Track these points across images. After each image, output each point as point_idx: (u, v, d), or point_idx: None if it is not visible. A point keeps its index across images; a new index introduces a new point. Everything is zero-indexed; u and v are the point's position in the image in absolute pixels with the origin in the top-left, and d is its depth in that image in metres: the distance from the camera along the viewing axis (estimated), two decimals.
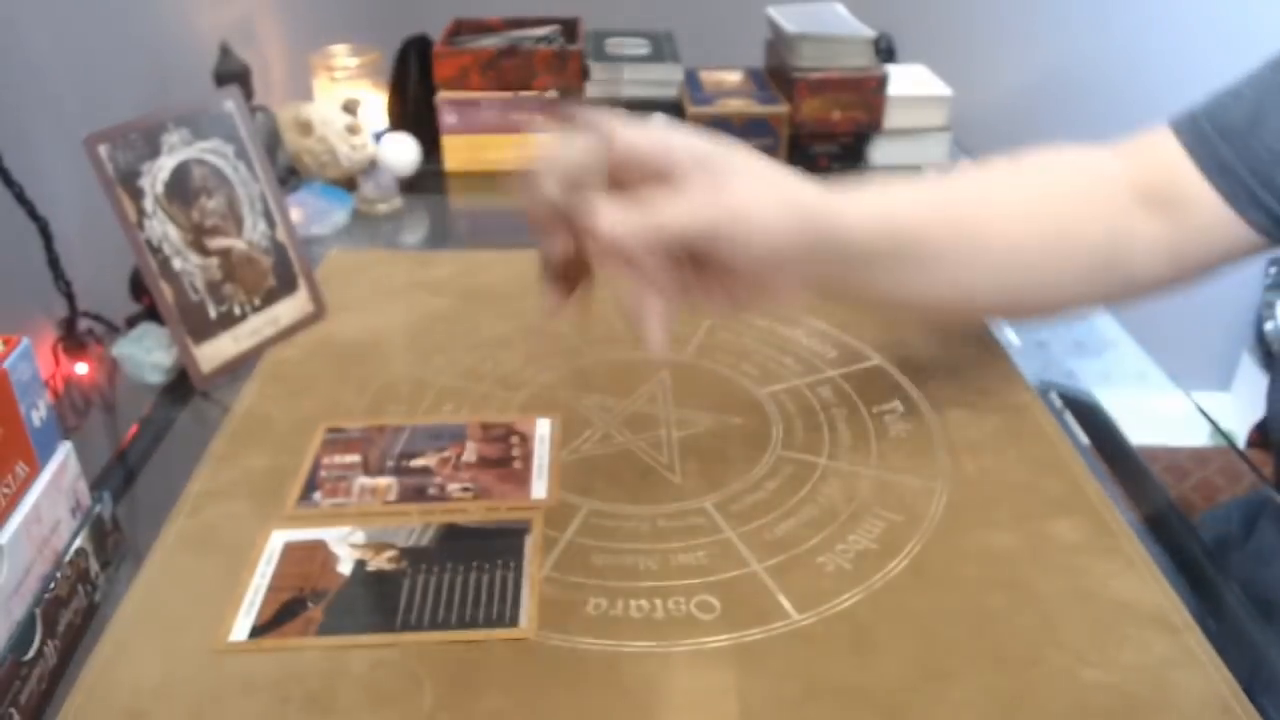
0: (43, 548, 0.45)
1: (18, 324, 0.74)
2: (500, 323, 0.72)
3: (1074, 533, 0.51)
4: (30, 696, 0.42)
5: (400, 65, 1.01)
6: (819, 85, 0.97)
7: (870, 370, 0.66)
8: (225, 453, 0.58)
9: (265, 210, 0.68)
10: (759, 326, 0.71)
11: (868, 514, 0.53)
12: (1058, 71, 1.66)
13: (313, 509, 0.53)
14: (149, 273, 0.60)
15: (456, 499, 0.54)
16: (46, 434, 0.47)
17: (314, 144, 0.87)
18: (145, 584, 0.48)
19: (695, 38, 1.16)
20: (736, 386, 0.64)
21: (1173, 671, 0.43)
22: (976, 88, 1.18)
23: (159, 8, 1.00)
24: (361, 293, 0.76)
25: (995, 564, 0.49)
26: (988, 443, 0.58)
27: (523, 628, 0.45)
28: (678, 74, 0.98)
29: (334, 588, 0.48)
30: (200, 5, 1.08)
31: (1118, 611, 0.46)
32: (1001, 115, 1.38)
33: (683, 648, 0.45)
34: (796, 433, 0.60)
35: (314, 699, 0.42)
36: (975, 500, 0.54)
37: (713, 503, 0.54)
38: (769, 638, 0.45)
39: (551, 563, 0.50)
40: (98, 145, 0.57)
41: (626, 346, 0.69)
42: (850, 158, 1.02)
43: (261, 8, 1.19)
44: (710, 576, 0.49)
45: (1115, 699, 0.42)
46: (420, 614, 0.46)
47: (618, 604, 0.47)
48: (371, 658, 0.44)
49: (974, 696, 0.42)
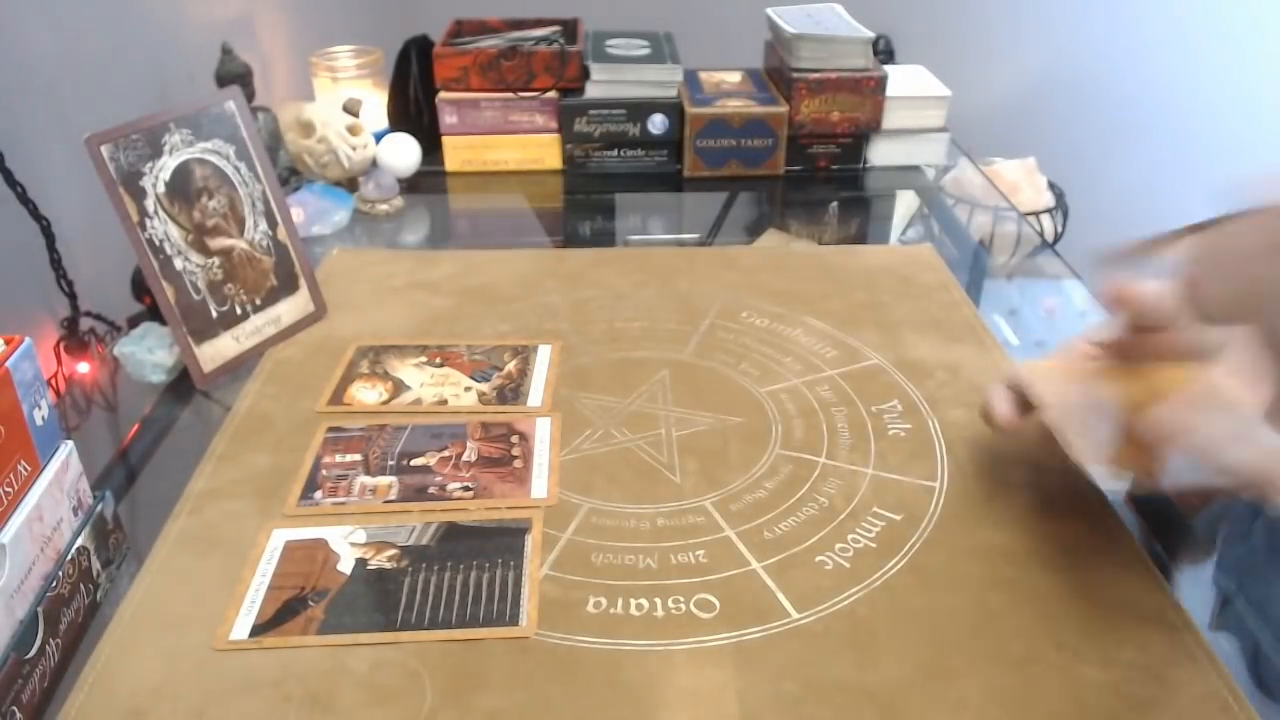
0: (45, 546, 0.45)
1: (20, 323, 0.74)
2: (501, 323, 0.72)
3: (1072, 532, 0.51)
4: (32, 695, 0.42)
5: (401, 65, 1.01)
6: (818, 86, 0.98)
7: (869, 369, 0.66)
8: (226, 452, 0.58)
9: (266, 210, 0.68)
10: (758, 326, 0.71)
11: (867, 513, 0.53)
12: (1056, 72, 1.66)
13: (313, 508, 0.53)
14: (150, 273, 0.60)
15: (457, 498, 0.54)
16: (48, 433, 0.47)
17: (315, 144, 0.87)
18: (146, 583, 0.49)
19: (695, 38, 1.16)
20: (736, 386, 0.64)
21: (1171, 670, 0.43)
22: (975, 88, 1.18)
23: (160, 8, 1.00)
24: (361, 292, 0.76)
25: (994, 563, 0.49)
26: (986, 442, 0.58)
27: (523, 626, 0.46)
28: (678, 74, 0.99)
29: (335, 586, 0.48)
30: (201, 5, 1.08)
31: (1116, 610, 0.46)
32: (1000, 115, 1.38)
33: (683, 646, 0.45)
34: (796, 432, 0.60)
35: (315, 698, 0.42)
36: (974, 499, 0.54)
37: (712, 502, 0.54)
38: (768, 636, 0.45)
39: (551, 561, 0.50)
40: (99, 145, 0.57)
41: (625, 346, 0.69)
42: (849, 158, 1.02)
43: (262, 8, 1.19)
44: (710, 575, 0.49)
45: (1114, 697, 0.42)
46: (421, 613, 0.46)
47: (618, 603, 0.47)
48: (372, 656, 0.44)
49: (973, 694, 0.42)
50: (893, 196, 0.98)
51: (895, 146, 1.02)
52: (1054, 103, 1.65)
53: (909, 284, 0.77)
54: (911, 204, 0.93)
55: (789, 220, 0.93)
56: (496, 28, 1.06)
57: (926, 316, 0.72)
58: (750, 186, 0.99)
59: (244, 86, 0.91)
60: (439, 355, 0.67)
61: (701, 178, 1.00)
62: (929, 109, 1.01)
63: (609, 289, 0.77)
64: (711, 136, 0.98)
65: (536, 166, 1.02)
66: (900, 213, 0.94)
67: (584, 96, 0.99)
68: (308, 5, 1.37)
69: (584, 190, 0.99)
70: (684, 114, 0.98)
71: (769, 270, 0.80)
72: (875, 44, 1.00)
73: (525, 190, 0.98)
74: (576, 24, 1.07)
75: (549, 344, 0.69)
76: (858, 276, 0.79)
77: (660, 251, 0.85)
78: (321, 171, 0.89)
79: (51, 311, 0.75)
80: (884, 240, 0.93)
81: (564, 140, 1.00)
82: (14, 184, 0.69)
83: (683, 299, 0.75)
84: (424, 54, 1.00)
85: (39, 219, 0.72)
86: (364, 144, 0.89)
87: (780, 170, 1.01)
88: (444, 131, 1.00)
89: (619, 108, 0.99)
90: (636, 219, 0.95)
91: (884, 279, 0.78)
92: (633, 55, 1.00)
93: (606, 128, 0.99)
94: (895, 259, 0.82)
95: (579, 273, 0.79)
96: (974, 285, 0.81)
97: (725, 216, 0.93)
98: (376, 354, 0.67)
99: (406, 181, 0.95)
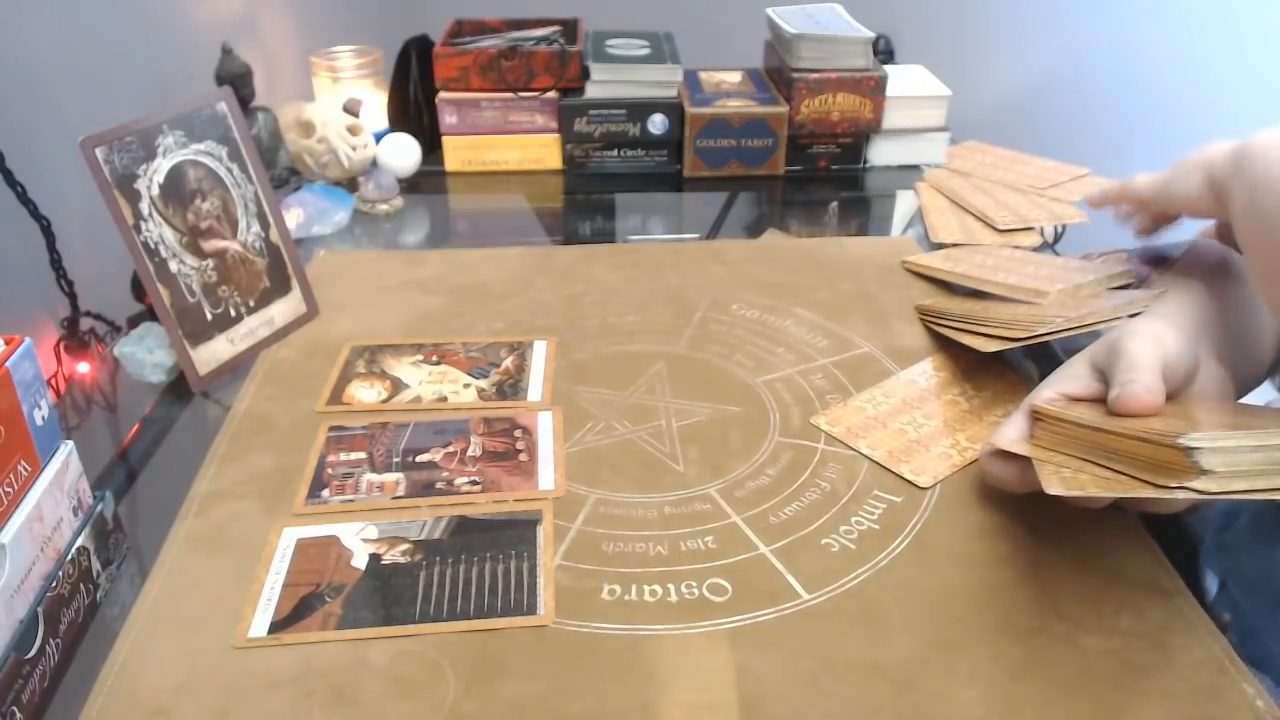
0: (44, 546, 0.45)
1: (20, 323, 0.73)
2: (494, 320, 0.72)
3: (1066, 506, 0.53)
4: (32, 695, 0.42)
5: (401, 65, 1.01)
6: (818, 86, 0.98)
7: (861, 357, 0.67)
8: (228, 453, 0.58)
9: (259, 212, 0.68)
10: (749, 318, 0.72)
11: (868, 496, 0.54)
12: (1056, 71, 1.67)
13: (322, 506, 0.54)
14: (146, 275, 0.60)
15: (465, 492, 0.54)
16: (48, 433, 0.47)
17: (315, 144, 0.87)
18: (158, 584, 0.49)
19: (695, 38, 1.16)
20: (732, 376, 0.65)
21: (1169, 635, 0.45)
22: (975, 88, 1.19)
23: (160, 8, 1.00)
24: (352, 292, 0.76)
25: (994, 539, 0.51)
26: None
27: (541, 615, 0.46)
28: (678, 74, 0.99)
29: (350, 582, 0.48)
30: (201, 5, 1.07)
31: (1114, 581, 0.48)
32: (1000, 115, 1.39)
33: (698, 629, 0.46)
34: (793, 419, 0.61)
35: (338, 692, 0.43)
36: (971, 479, 0.55)
37: (717, 489, 0.55)
38: (782, 617, 0.46)
39: (563, 551, 0.50)
40: (94, 148, 0.57)
41: (619, 340, 0.70)
42: (849, 158, 1.03)
43: (263, 8, 1.19)
44: (720, 560, 0.50)
45: (1116, 664, 0.44)
46: (439, 605, 0.47)
47: (631, 589, 0.48)
48: (393, 649, 0.45)
49: (982, 666, 0.44)
50: (893, 196, 0.99)
51: (895, 146, 1.03)
52: (1054, 102, 1.65)
53: (894, 274, 0.79)
54: (911, 204, 0.95)
55: (789, 220, 0.94)
56: (496, 28, 1.06)
57: (913, 305, 0.74)
58: (750, 186, 1.00)
59: (244, 86, 0.90)
60: (435, 353, 0.68)
61: (701, 178, 1.01)
62: (929, 109, 1.02)
63: (600, 284, 0.78)
64: (711, 136, 0.99)
65: (536, 166, 1.02)
66: (900, 212, 0.95)
67: (584, 96, 0.99)
68: (308, 5, 1.36)
69: (584, 190, 1.00)
70: (684, 114, 0.99)
71: (756, 263, 0.81)
72: (875, 44, 1.01)
73: (525, 190, 0.98)
74: (576, 24, 1.07)
75: (544, 339, 0.69)
76: (844, 268, 0.80)
77: (648, 247, 0.86)
78: (321, 171, 0.89)
79: (51, 311, 0.74)
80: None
81: (564, 140, 1.00)
82: (14, 184, 0.69)
83: (674, 293, 0.76)
84: (424, 54, 1.00)
85: (39, 219, 0.71)
86: (364, 144, 0.89)
87: (780, 170, 1.01)
88: (444, 131, 1.00)
89: (619, 108, 0.99)
90: (637, 219, 0.95)
91: (869, 269, 0.80)
92: (633, 55, 1.01)
93: (606, 128, 1.00)
94: (879, 250, 0.83)
95: (569, 269, 0.80)
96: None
97: (725, 216, 0.94)
98: (372, 353, 0.68)
99: (406, 181, 0.95)
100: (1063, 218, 0.86)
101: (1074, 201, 0.89)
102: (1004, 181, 0.94)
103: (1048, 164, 0.98)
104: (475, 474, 0.56)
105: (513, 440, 0.59)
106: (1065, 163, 0.97)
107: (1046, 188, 0.92)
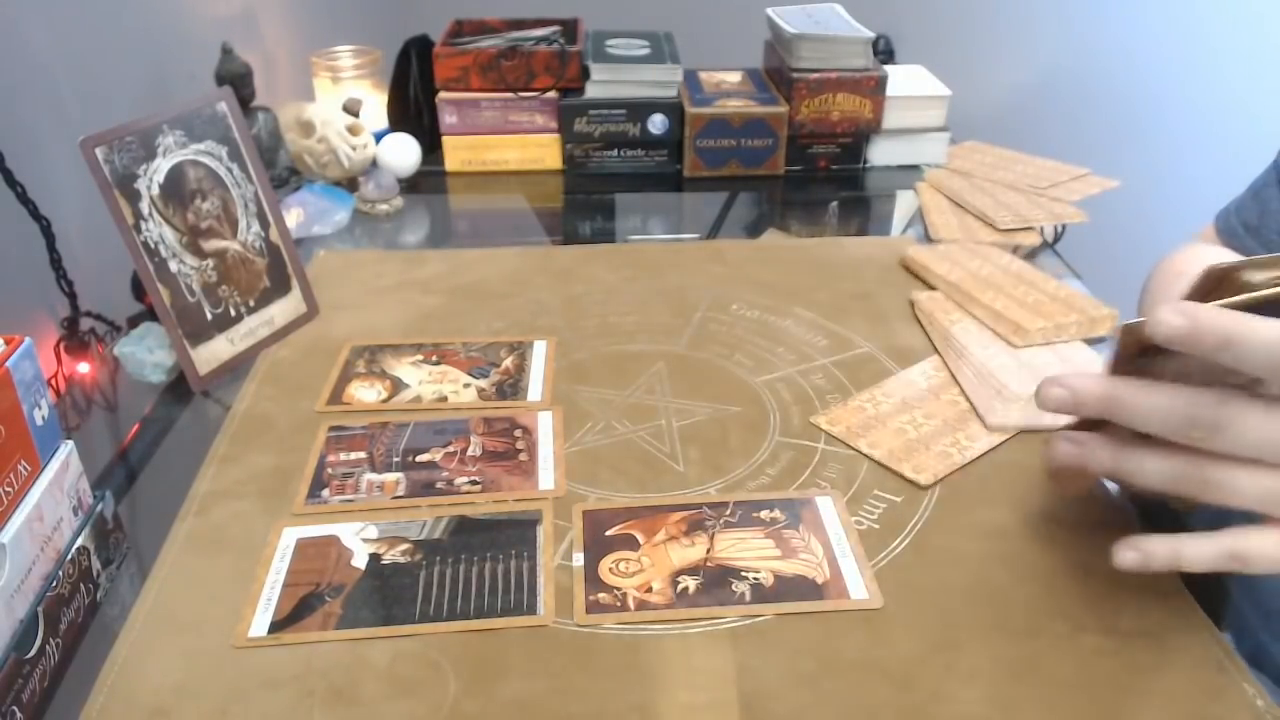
0: (45, 546, 0.45)
1: (20, 323, 0.73)
2: (494, 320, 0.72)
3: (1065, 507, 0.53)
4: (32, 695, 0.42)
5: (401, 65, 1.01)
6: (818, 86, 0.98)
7: (861, 356, 0.67)
8: (228, 453, 0.58)
9: (259, 211, 0.68)
10: (749, 318, 0.72)
11: (868, 496, 0.54)
12: (1056, 71, 1.67)
13: (322, 506, 0.54)
14: (146, 275, 0.60)
15: (465, 492, 0.54)
16: (48, 433, 0.47)
17: (315, 144, 0.87)
18: (158, 584, 0.49)
19: (695, 38, 1.16)
20: (732, 376, 0.65)
21: (1169, 635, 0.45)
22: (975, 88, 1.19)
23: (160, 8, 1.00)
24: (352, 293, 0.76)
25: (993, 540, 0.51)
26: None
27: (541, 615, 0.46)
28: (678, 74, 0.99)
29: (350, 582, 0.48)
30: (202, 5, 1.07)
31: (1114, 580, 0.48)
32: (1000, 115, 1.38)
33: (699, 629, 0.46)
34: (793, 419, 0.61)
35: (338, 691, 0.43)
36: (971, 479, 0.55)
37: (717, 489, 0.55)
38: (782, 617, 0.46)
39: (563, 551, 0.50)
40: (94, 148, 0.57)
41: (619, 340, 0.70)
42: (849, 158, 1.03)
43: (263, 7, 1.19)
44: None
45: (1116, 664, 0.44)
46: (439, 605, 0.47)
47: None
48: (393, 649, 0.45)
49: (983, 666, 0.44)
50: (893, 196, 0.99)
51: (895, 146, 1.03)
52: (1054, 102, 1.66)
53: (894, 274, 0.79)
54: (911, 204, 0.95)
55: (789, 220, 0.94)
56: (496, 28, 1.06)
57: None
58: (750, 186, 1.00)
59: (244, 86, 0.90)
60: (435, 353, 0.68)
61: (701, 178, 1.01)
62: (929, 109, 1.02)
63: (599, 284, 0.78)
64: (711, 136, 0.99)
65: (536, 166, 1.02)
66: (900, 212, 0.95)
67: (584, 96, 0.99)
68: (308, 5, 1.36)
69: (584, 190, 1.00)
70: (684, 114, 0.99)
71: (756, 263, 0.81)
72: (875, 44, 1.01)
73: (525, 190, 0.98)
74: (576, 24, 1.07)
75: (544, 339, 0.69)
76: (843, 268, 0.80)
77: (648, 246, 0.86)
78: (321, 171, 0.89)
79: (51, 311, 0.74)
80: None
81: (564, 140, 1.00)
82: (14, 184, 0.69)
83: (673, 293, 0.76)
84: (424, 54, 1.00)
85: (39, 219, 0.71)
86: (364, 144, 0.89)
87: (780, 170, 1.01)
88: (444, 131, 1.00)
89: (619, 108, 0.99)
90: (636, 219, 0.95)
91: (869, 269, 0.80)
92: (633, 55, 1.01)
93: (606, 128, 1.00)
94: (879, 250, 0.83)
95: (568, 269, 0.80)
96: None
97: (725, 216, 0.94)
98: (372, 353, 0.68)
99: (406, 181, 0.95)
100: (1063, 217, 0.86)
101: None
102: (1004, 181, 0.94)
103: (1048, 164, 0.98)
104: (475, 474, 0.56)
105: (513, 440, 0.59)
106: (1065, 163, 0.97)
107: (1046, 188, 0.92)
